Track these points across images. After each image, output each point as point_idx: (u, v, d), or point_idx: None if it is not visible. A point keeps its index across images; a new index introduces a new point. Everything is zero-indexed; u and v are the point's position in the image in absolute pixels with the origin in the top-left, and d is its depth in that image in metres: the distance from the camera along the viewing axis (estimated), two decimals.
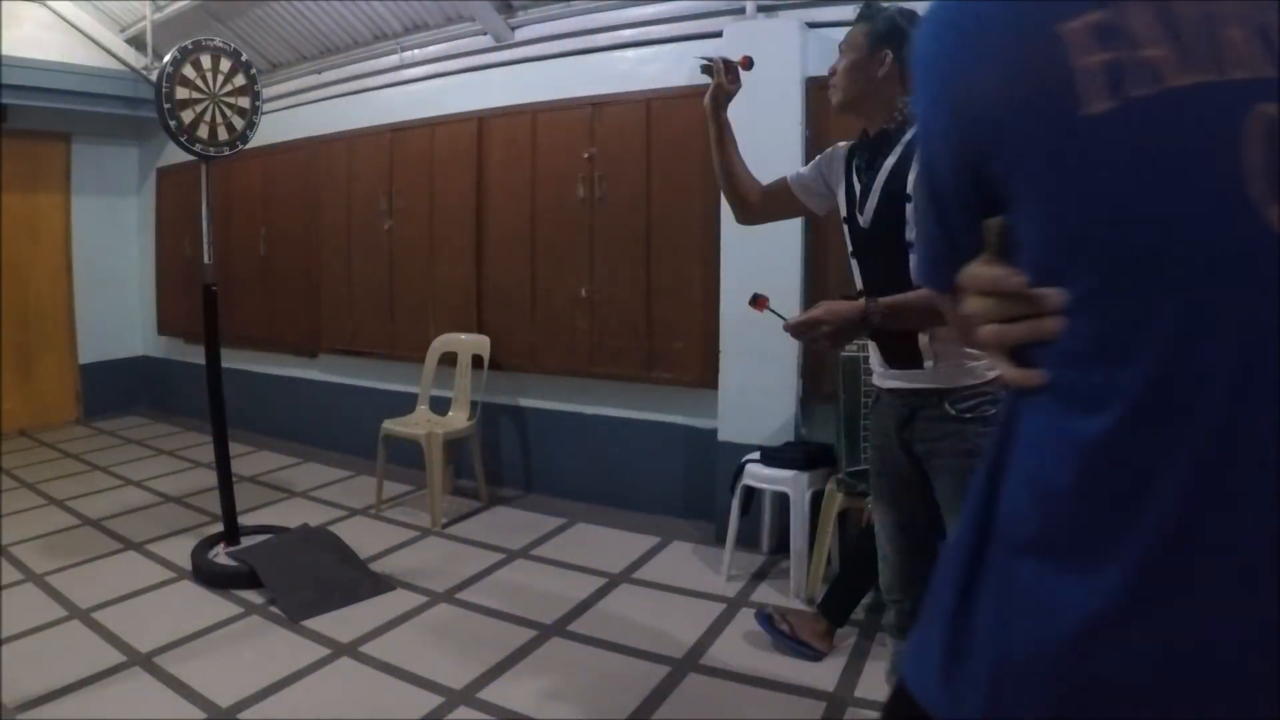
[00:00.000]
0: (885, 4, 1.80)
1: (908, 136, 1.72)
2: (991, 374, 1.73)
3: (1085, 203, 0.59)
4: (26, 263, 5.88)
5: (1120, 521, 0.58)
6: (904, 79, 1.75)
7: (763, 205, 2.03)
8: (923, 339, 1.72)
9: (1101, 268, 0.59)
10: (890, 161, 1.74)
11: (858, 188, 1.81)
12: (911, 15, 1.77)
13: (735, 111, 2.07)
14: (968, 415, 1.71)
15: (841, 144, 1.92)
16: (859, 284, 1.87)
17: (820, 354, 3.34)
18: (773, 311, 1.80)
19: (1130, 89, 0.57)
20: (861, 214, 1.80)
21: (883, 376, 1.84)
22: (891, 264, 1.75)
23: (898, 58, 1.73)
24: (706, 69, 1.97)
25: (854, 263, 1.87)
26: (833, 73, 1.80)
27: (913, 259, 1.79)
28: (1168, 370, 0.57)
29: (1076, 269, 0.60)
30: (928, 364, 1.73)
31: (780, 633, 2.60)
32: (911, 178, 1.69)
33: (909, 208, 1.69)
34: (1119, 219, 0.58)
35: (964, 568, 0.67)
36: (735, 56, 2.01)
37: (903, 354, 1.76)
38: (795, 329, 1.69)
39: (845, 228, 1.87)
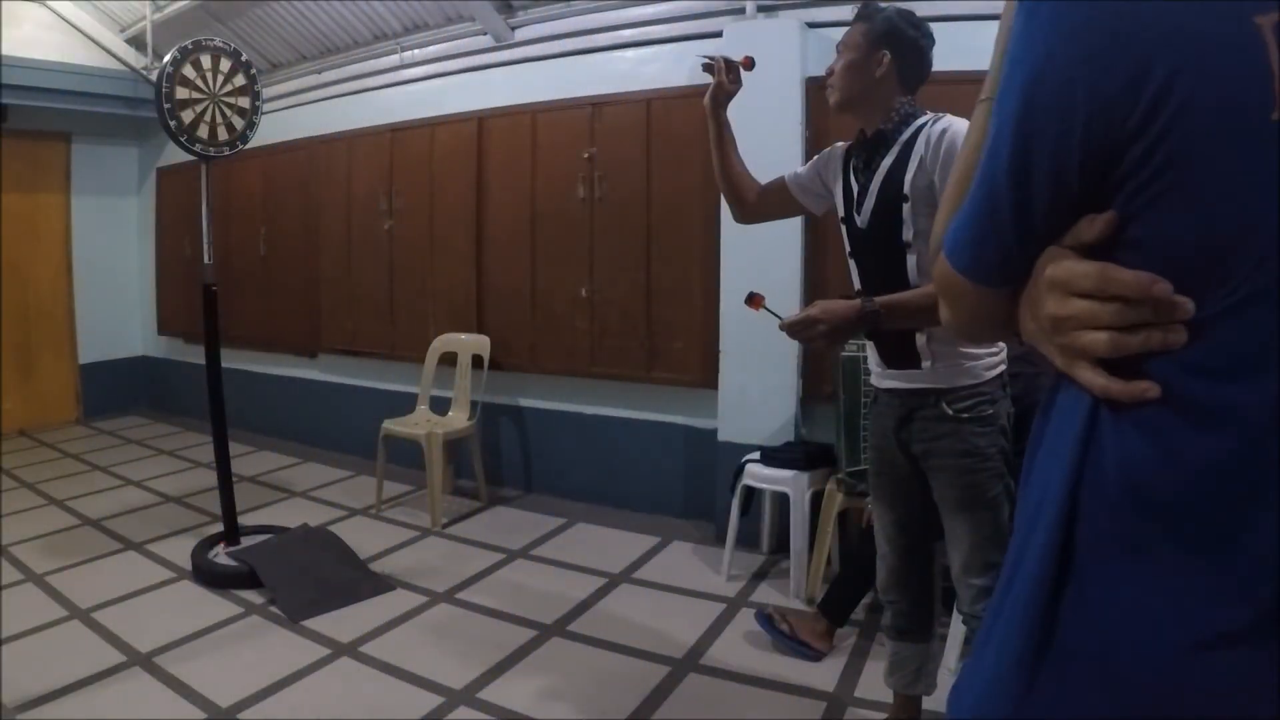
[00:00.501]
0: (883, 4, 1.80)
1: (905, 136, 1.73)
2: (990, 374, 1.74)
3: (1255, 209, 0.55)
4: (26, 263, 5.88)
5: (1236, 546, 0.56)
6: (902, 79, 1.76)
7: (761, 205, 2.03)
8: (920, 339, 1.73)
9: (1253, 278, 0.56)
10: (888, 162, 1.74)
11: (855, 188, 1.82)
12: (909, 16, 1.78)
13: (735, 111, 2.08)
14: (965, 415, 1.72)
15: (839, 144, 1.92)
16: (857, 284, 1.87)
17: (819, 354, 3.34)
18: (768, 310, 1.80)
19: None
20: (859, 214, 1.80)
21: (880, 377, 1.84)
22: (889, 264, 1.76)
23: (895, 58, 1.74)
24: (708, 67, 1.97)
25: (852, 263, 1.88)
26: (830, 73, 1.81)
27: (913, 259, 1.81)
28: None
29: (1226, 277, 0.56)
30: (925, 364, 1.74)
31: (780, 633, 2.60)
32: (909, 177, 1.69)
33: (906, 208, 1.70)
34: None
35: (1048, 592, 0.63)
36: (737, 57, 2.01)
37: (900, 354, 1.77)
38: (791, 328, 1.68)
39: (843, 228, 1.88)
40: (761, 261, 3.41)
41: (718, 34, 3.58)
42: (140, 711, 2.24)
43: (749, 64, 1.97)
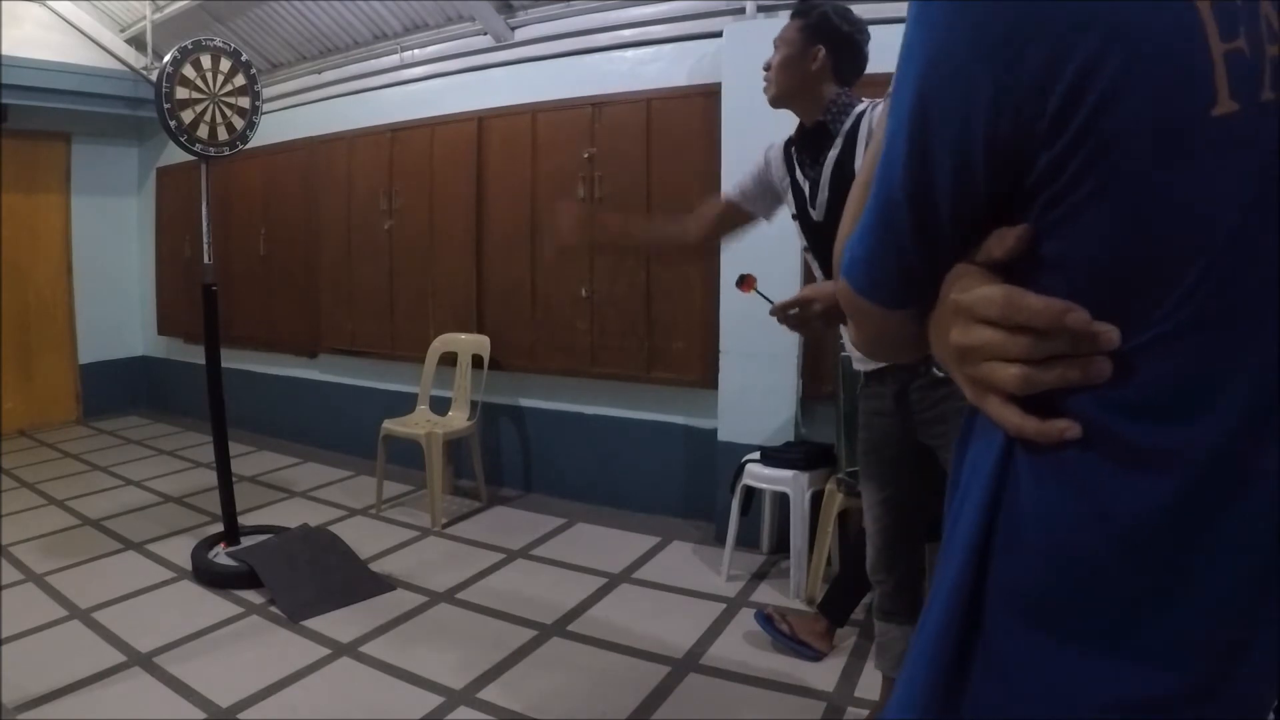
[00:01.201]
0: (820, 3, 1.83)
1: (847, 126, 1.76)
2: None
3: (1191, 221, 0.48)
4: (26, 263, 5.88)
5: (1168, 604, 0.50)
6: (837, 73, 1.81)
7: (714, 234, 2.12)
8: None
9: (1193, 302, 0.48)
10: (834, 153, 1.79)
11: (805, 184, 1.85)
12: (844, 11, 1.83)
13: (735, 111, 2.09)
14: None
15: (774, 145, 1.96)
16: (819, 277, 1.89)
17: (818, 338, 3.32)
18: (760, 294, 1.77)
19: (1262, 91, 0.47)
20: (814, 208, 1.84)
21: (864, 360, 1.85)
22: None
23: (830, 53, 1.79)
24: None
25: (809, 257, 1.92)
26: (767, 67, 1.85)
27: (844, 260, 1.79)
28: (1234, 434, 0.49)
29: (1158, 301, 0.49)
30: None
31: (780, 633, 2.60)
32: (858, 164, 1.71)
33: None
34: (1228, 247, 0.48)
35: (954, 637, 0.57)
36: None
37: None
38: (784, 310, 1.65)
39: (797, 224, 1.91)
40: (761, 261, 3.39)
41: (717, 34, 3.58)
42: (140, 711, 2.24)
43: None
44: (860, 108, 1.77)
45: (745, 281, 1.81)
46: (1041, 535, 0.54)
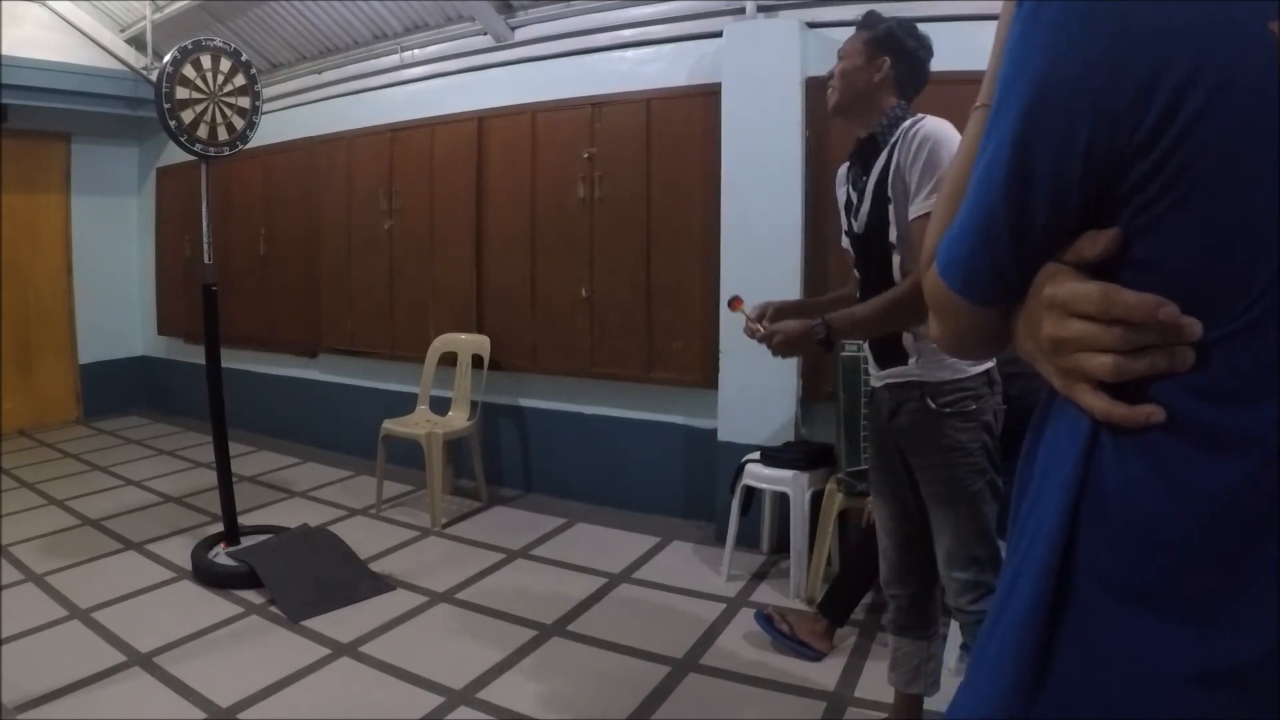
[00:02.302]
0: (885, 14, 1.86)
1: (893, 139, 1.76)
2: (975, 370, 1.75)
3: (1268, 227, 0.53)
4: (26, 263, 5.88)
5: (1250, 576, 0.54)
6: (898, 86, 1.82)
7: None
8: (907, 338, 1.79)
9: (1264, 299, 0.53)
10: (878, 166, 1.80)
11: (854, 196, 1.87)
12: (910, 27, 1.83)
13: (735, 111, 2.10)
14: (948, 410, 1.76)
15: (840, 169, 2.00)
16: (858, 291, 1.91)
17: (817, 354, 3.34)
18: (745, 315, 1.89)
19: None
20: (855, 219, 1.86)
21: (876, 376, 1.89)
22: (880, 266, 1.81)
23: (894, 65, 1.80)
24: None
25: (855, 272, 1.92)
26: (831, 75, 1.86)
27: (897, 259, 1.82)
28: None
29: (1236, 298, 0.54)
30: (911, 360, 1.79)
31: (780, 633, 2.60)
32: (890, 179, 1.73)
33: (890, 209, 1.74)
34: None
35: (1043, 618, 0.61)
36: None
37: (889, 353, 1.83)
38: (750, 332, 1.80)
39: (846, 239, 1.93)
40: (761, 261, 3.41)
41: (718, 34, 3.58)
42: (140, 711, 2.24)
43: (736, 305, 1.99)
44: (905, 123, 1.76)
45: (734, 303, 1.95)
46: (1128, 513, 0.58)
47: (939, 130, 1.69)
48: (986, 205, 0.63)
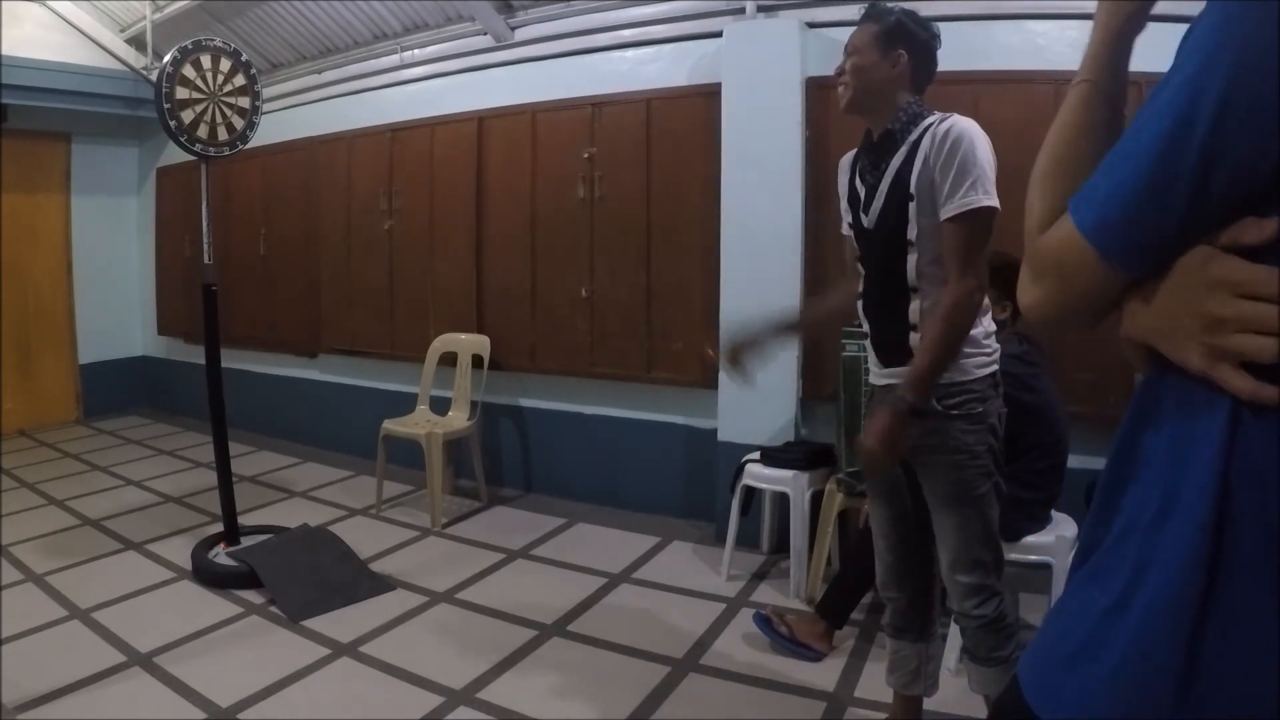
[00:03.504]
0: (892, 5, 1.81)
1: (913, 136, 1.73)
2: (981, 373, 1.74)
3: None
4: (26, 263, 5.88)
5: None
6: (913, 79, 1.77)
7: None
8: (914, 337, 1.75)
9: None
10: (896, 161, 1.74)
11: (862, 190, 1.82)
12: (917, 16, 1.79)
13: (735, 111, 2.08)
14: (954, 412, 1.73)
15: (845, 157, 1.93)
16: (861, 284, 1.88)
17: (819, 351, 3.34)
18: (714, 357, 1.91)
19: None
20: (866, 214, 1.81)
21: (878, 375, 1.86)
22: (890, 263, 1.77)
23: (910, 58, 1.74)
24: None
25: (859, 266, 1.89)
26: (841, 72, 1.80)
27: (913, 258, 1.79)
28: None
29: None
30: None
31: (779, 634, 2.60)
32: (914, 176, 1.70)
33: (912, 206, 1.71)
34: None
35: (1193, 589, 0.61)
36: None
37: (895, 353, 1.79)
38: (867, 472, 1.80)
39: (852, 233, 1.88)
40: (761, 261, 3.41)
41: (717, 34, 3.58)
42: (140, 711, 2.24)
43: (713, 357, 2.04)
44: (929, 120, 1.73)
45: (706, 357, 2.01)
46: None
47: (971, 129, 1.66)
48: (1169, 170, 0.62)
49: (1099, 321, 0.73)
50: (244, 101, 3.21)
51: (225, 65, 3.15)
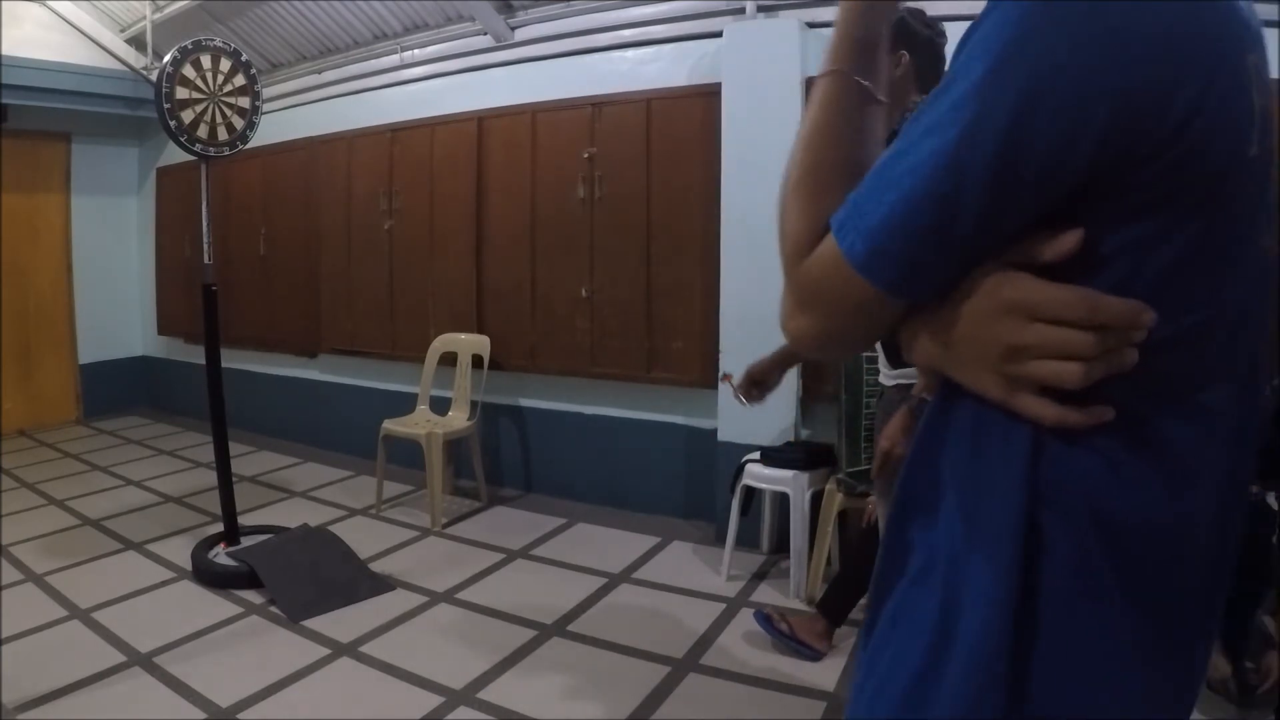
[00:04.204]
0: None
1: None
2: None
3: (1224, 235, 0.57)
4: (26, 263, 5.88)
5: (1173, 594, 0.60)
6: (919, 78, 1.76)
7: None
8: None
9: (1208, 304, 0.57)
10: None
11: None
12: (921, 15, 1.78)
13: (735, 111, 2.08)
14: None
15: None
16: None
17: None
18: (732, 387, 1.91)
19: (1268, 140, 0.56)
20: None
21: (887, 375, 1.87)
22: None
23: (913, 58, 1.74)
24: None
25: None
26: None
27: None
28: (1228, 415, 0.60)
29: (1185, 301, 0.56)
30: None
31: (779, 632, 2.60)
32: None
33: None
34: (1238, 261, 0.59)
35: (1008, 618, 0.58)
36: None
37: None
38: (880, 470, 1.76)
39: None
40: (761, 261, 3.41)
41: (718, 34, 3.58)
42: (140, 711, 2.24)
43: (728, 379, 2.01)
44: None
45: (724, 378, 2.03)
46: (1088, 508, 0.58)
47: None
48: (952, 196, 0.55)
49: (871, 345, 0.70)
50: (244, 101, 3.21)
51: (225, 65, 3.15)
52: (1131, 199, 0.54)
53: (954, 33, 2.48)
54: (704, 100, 3.62)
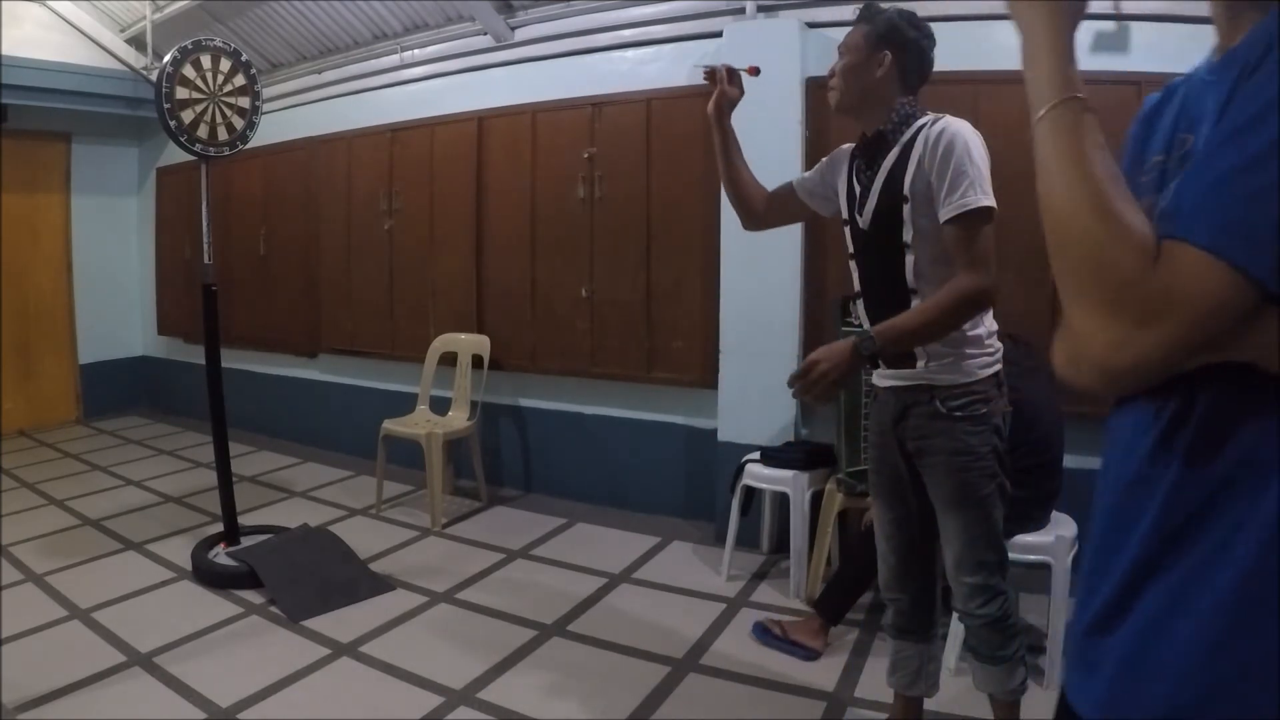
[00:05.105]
0: (884, 5, 1.80)
1: (905, 137, 1.73)
2: (984, 373, 1.74)
3: None
4: (26, 263, 5.88)
5: None
6: (903, 79, 1.76)
7: (768, 211, 2.03)
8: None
9: None
10: (888, 163, 1.74)
11: (857, 189, 1.83)
12: (910, 16, 1.78)
13: (736, 112, 2.08)
14: (958, 414, 1.73)
15: (845, 146, 1.92)
16: (856, 285, 1.88)
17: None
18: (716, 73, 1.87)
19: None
20: (860, 215, 1.81)
21: (880, 375, 1.86)
22: (888, 264, 1.77)
23: (896, 58, 1.74)
24: (709, 76, 2.01)
25: (852, 264, 1.89)
26: (832, 74, 1.81)
27: (910, 259, 1.80)
28: None
29: None
30: (920, 363, 1.76)
31: (771, 634, 2.62)
32: (908, 178, 1.70)
33: (906, 209, 1.71)
34: None
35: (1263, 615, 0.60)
36: (737, 61, 2.02)
37: (898, 354, 1.79)
38: (797, 379, 1.66)
39: (845, 229, 1.89)
40: (761, 261, 3.41)
41: (717, 34, 3.58)
42: (140, 711, 2.24)
43: (754, 72, 1.99)
44: (921, 120, 1.72)
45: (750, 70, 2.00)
46: None
47: (964, 130, 1.65)
48: None
49: (1193, 362, 0.65)
50: (244, 101, 3.21)
51: (225, 65, 3.15)
52: None
53: (953, 32, 2.47)
54: (704, 100, 3.57)
